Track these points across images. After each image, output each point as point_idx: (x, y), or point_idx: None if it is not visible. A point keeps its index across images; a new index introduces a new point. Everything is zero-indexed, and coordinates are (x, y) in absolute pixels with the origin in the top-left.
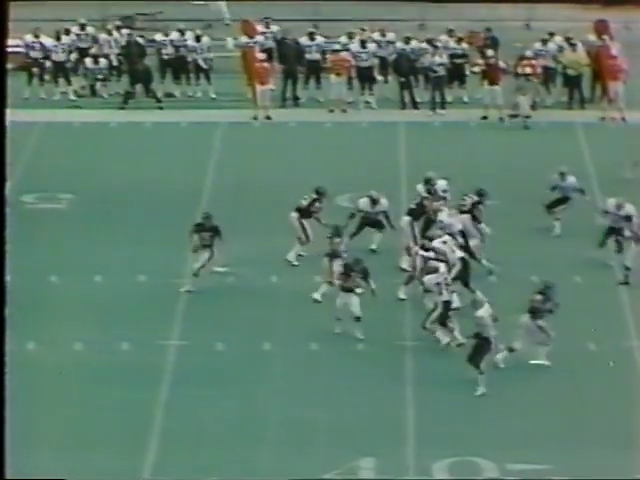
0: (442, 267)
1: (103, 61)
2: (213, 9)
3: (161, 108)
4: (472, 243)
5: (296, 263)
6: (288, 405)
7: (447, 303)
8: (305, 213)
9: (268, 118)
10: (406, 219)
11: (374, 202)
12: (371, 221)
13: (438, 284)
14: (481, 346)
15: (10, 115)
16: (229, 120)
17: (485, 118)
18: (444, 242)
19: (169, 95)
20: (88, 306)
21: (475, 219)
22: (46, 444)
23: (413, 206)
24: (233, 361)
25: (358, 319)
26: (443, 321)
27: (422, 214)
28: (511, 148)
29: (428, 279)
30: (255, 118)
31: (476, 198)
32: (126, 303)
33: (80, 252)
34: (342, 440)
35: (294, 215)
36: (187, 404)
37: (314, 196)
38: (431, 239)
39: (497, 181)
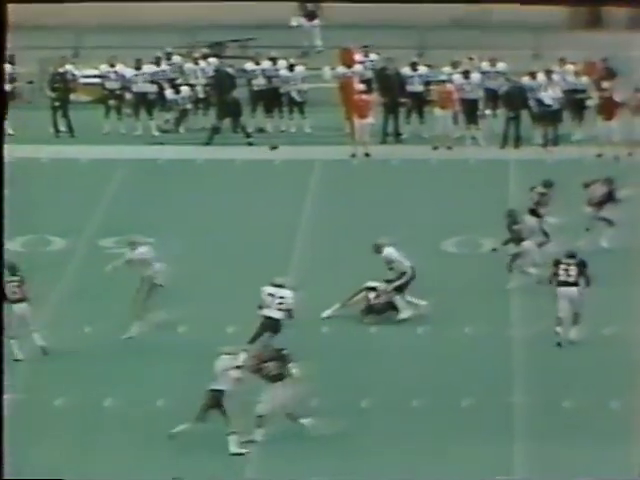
0: None
1: (186, 92)
2: (308, 34)
3: (252, 144)
4: None
5: None
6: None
7: None
8: None
9: (367, 155)
10: None
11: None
12: None
13: None
14: None
15: (88, 153)
16: (325, 157)
17: (600, 156)
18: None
19: (260, 130)
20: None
21: None
22: None
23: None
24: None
25: None
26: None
27: None
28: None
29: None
30: (353, 155)
31: None
32: None
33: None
34: None
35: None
36: None
37: None
38: None
39: None
